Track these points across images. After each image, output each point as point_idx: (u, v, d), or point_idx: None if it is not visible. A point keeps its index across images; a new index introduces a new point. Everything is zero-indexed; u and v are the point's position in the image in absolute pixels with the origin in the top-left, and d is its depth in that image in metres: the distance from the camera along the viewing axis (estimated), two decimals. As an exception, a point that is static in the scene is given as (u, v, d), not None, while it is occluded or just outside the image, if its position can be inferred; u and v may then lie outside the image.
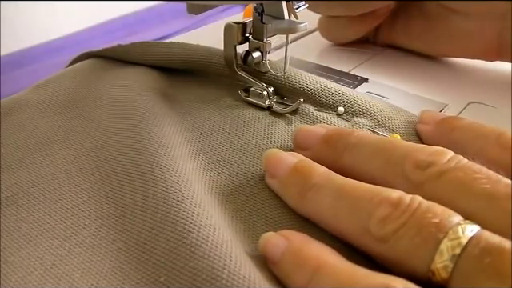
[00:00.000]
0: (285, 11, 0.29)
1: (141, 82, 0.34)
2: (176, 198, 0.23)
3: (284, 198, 0.24)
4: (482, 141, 0.24)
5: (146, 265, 0.21)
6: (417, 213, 0.19)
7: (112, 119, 0.30)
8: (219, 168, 0.27)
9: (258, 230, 0.23)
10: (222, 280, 0.19)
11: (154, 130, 0.27)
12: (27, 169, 0.28)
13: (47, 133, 0.31)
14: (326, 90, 0.31)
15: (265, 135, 0.29)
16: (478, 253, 0.17)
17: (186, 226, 0.21)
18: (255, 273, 0.19)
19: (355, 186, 0.22)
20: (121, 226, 0.23)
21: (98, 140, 0.29)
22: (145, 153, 0.26)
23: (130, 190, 0.24)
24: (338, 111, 0.30)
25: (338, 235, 0.22)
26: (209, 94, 0.34)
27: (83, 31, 0.79)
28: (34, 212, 0.25)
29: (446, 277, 0.18)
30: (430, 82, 0.38)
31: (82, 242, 0.23)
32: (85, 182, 0.26)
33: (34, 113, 0.33)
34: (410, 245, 0.19)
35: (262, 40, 0.32)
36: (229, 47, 0.32)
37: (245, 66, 0.33)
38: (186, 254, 0.20)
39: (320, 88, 0.31)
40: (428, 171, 0.21)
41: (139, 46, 0.37)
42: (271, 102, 0.32)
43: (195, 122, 0.30)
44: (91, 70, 0.37)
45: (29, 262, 0.22)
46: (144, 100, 0.31)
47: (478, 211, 0.19)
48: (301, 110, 0.31)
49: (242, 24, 0.32)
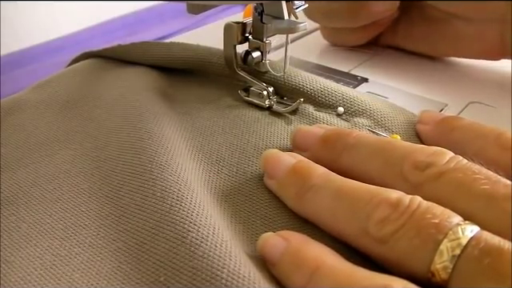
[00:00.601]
0: (285, 11, 0.29)
1: (141, 81, 0.34)
2: (175, 197, 0.23)
3: (283, 199, 0.24)
4: (482, 141, 0.24)
5: (146, 264, 0.21)
6: (416, 214, 0.19)
7: (112, 119, 0.30)
8: (218, 168, 0.27)
9: (257, 230, 0.23)
10: (221, 280, 0.19)
11: (153, 130, 0.27)
12: (27, 169, 0.28)
13: (47, 133, 0.31)
14: (326, 90, 0.31)
15: (264, 135, 0.29)
16: (478, 254, 0.17)
17: (185, 225, 0.21)
18: (255, 272, 0.19)
19: (354, 186, 0.22)
20: (120, 225, 0.23)
21: (97, 140, 0.29)
22: (144, 152, 0.26)
23: (129, 190, 0.24)
24: (337, 111, 0.30)
25: (337, 236, 0.22)
26: (209, 93, 0.34)
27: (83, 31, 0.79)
28: (34, 212, 0.25)
29: (445, 277, 0.18)
30: (430, 81, 0.38)
31: (82, 241, 0.23)
32: (84, 181, 0.26)
33: (34, 113, 0.33)
34: (410, 246, 0.19)
35: (262, 40, 0.32)
36: (229, 47, 0.32)
37: (245, 66, 0.33)
38: (185, 254, 0.20)
39: (320, 88, 0.31)
40: (427, 172, 0.21)
41: (139, 46, 0.37)
42: (271, 101, 0.32)
43: (195, 122, 0.30)
44: (91, 70, 0.37)
45: (29, 261, 0.22)
46: (144, 100, 0.31)
47: (478, 212, 0.19)
48: (300, 110, 0.31)
49: (241, 24, 0.32)
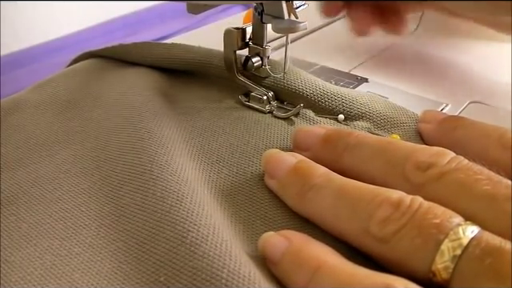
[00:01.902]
0: (285, 11, 0.29)
1: (141, 82, 0.34)
2: (175, 197, 0.23)
3: (283, 199, 0.24)
4: (485, 140, 0.24)
5: (146, 264, 0.21)
6: (417, 214, 0.19)
7: (112, 119, 0.30)
8: (219, 168, 0.27)
9: (258, 230, 0.23)
10: (221, 279, 0.19)
11: (153, 130, 0.27)
12: (27, 169, 0.28)
13: (47, 133, 0.31)
14: (326, 95, 0.31)
15: (264, 136, 0.29)
16: (479, 254, 0.17)
17: (185, 225, 0.21)
18: (255, 272, 0.19)
19: (355, 186, 0.22)
20: (120, 225, 0.23)
21: (97, 140, 0.29)
22: (144, 152, 0.26)
23: (129, 190, 0.24)
24: (338, 119, 0.30)
25: (338, 236, 0.22)
26: (209, 95, 0.34)
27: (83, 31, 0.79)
28: (34, 212, 0.25)
29: (446, 277, 0.18)
30: (430, 82, 0.38)
31: (82, 241, 0.23)
32: (85, 181, 0.26)
33: (34, 113, 0.32)
34: (411, 246, 0.19)
35: (262, 45, 0.32)
36: (228, 52, 0.32)
37: (245, 71, 0.33)
38: (185, 254, 0.20)
39: (320, 92, 0.31)
40: (428, 172, 0.21)
41: (140, 45, 0.37)
42: (271, 107, 0.32)
43: (195, 123, 0.30)
44: (91, 70, 0.37)
45: (29, 262, 0.22)
46: (144, 100, 0.31)
47: (479, 212, 0.19)
48: (301, 114, 0.31)
49: (241, 29, 0.32)
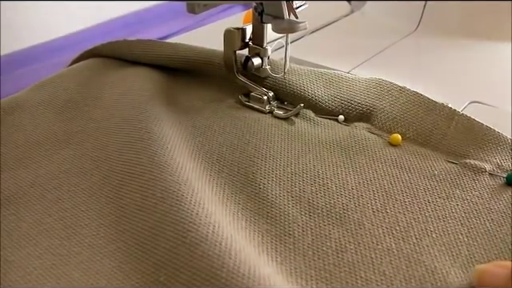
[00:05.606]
0: (285, 11, 0.29)
1: (141, 82, 0.34)
2: (175, 197, 0.23)
3: None
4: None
5: (146, 264, 0.21)
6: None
7: (112, 119, 0.30)
8: (219, 167, 0.27)
9: (261, 228, 0.23)
10: (221, 279, 0.19)
11: (153, 130, 0.27)
12: (27, 168, 0.28)
13: (47, 132, 0.31)
14: (326, 96, 0.31)
15: (265, 135, 0.29)
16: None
17: (185, 225, 0.21)
18: (255, 270, 0.19)
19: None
20: (120, 225, 0.23)
21: (97, 140, 0.29)
22: (144, 153, 0.26)
23: (129, 190, 0.24)
24: (338, 119, 0.30)
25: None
26: (210, 94, 0.34)
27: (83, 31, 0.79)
28: (34, 211, 0.25)
29: None
30: (431, 81, 0.38)
31: (82, 241, 0.23)
32: (84, 181, 0.26)
33: (34, 112, 0.33)
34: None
35: (262, 45, 0.32)
36: (229, 53, 0.32)
37: (245, 71, 0.33)
38: (185, 254, 0.20)
39: (320, 94, 0.31)
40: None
41: (144, 42, 0.37)
42: (271, 107, 0.32)
43: (195, 122, 0.30)
44: (91, 69, 0.37)
45: (29, 261, 0.22)
46: (144, 100, 0.31)
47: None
48: (301, 114, 0.31)
49: (241, 30, 0.32)
